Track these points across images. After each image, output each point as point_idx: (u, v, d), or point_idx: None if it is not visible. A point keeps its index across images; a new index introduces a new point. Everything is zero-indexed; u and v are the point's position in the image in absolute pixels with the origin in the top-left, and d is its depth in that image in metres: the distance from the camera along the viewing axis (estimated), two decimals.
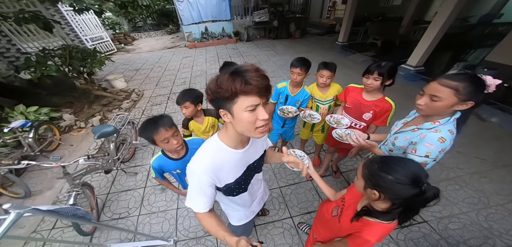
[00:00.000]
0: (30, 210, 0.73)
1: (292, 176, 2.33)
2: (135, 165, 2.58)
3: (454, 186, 2.11)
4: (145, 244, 1.69)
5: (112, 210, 2.04)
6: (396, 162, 0.68)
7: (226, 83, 0.54)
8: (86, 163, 1.69)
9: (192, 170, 0.70)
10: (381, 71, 1.27)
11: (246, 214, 1.09)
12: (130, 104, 4.05)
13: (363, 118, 1.50)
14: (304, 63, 1.60)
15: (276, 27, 8.88)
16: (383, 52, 6.46)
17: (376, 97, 1.42)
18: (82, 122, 3.36)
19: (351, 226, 0.82)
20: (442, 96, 0.81)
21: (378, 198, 0.70)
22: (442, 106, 0.84)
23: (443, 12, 3.66)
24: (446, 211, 1.88)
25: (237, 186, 0.82)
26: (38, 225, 1.92)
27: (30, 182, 2.30)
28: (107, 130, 1.96)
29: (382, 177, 0.67)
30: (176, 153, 1.15)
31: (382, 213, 0.73)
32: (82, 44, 6.59)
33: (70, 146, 2.94)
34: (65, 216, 0.91)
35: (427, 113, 0.92)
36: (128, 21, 11.59)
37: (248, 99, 0.55)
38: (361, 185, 0.76)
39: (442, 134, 0.88)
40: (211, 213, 0.77)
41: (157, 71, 6.09)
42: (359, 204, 0.86)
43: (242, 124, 0.60)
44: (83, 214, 1.01)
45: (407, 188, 0.63)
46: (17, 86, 3.37)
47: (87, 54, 3.93)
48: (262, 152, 0.90)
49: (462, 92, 0.78)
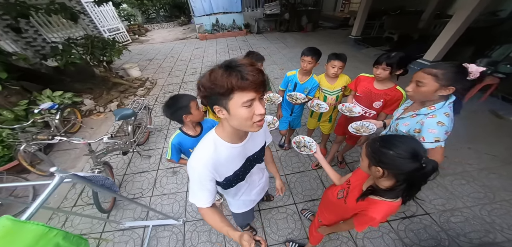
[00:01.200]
0: (70, 175, 0.83)
1: (297, 164, 2.39)
2: (149, 148, 2.75)
3: (460, 181, 2.09)
4: (156, 223, 1.82)
5: (127, 190, 2.20)
6: (396, 138, 0.72)
7: (221, 79, 0.51)
8: (109, 141, 1.84)
9: (192, 166, 0.71)
10: (389, 61, 1.32)
11: (245, 203, 1.12)
12: (144, 92, 4.25)
13: (374, 106, 1.55)
14: (315, 52, 1.66)
15: (287, 20, 8.73)
16: (399, 46, 6.21)
17: (387, 86, 1.46)
18: (101, 107, 3.60)
19: (357, 206, 0.86)
20: (425, 82, 0.93)
21: (382, 174, 0.73)
22: (426, 91, 0.94)
23: (467, 5, 3.47)
24: (449, 205, 1.89)
25: (235, 178, 0.83)
26: (61, 202, 2.10)
27: (56, 161, 2.53)
28: (126, 112, 2.10)
29: (384, 153, 0.71)
30: (194, 130, 1.26)
31: (386, 191, 0.76)
32: (100, 34, 6.89)
33: (91, 128, 3.18)
34: (96, 184, 1.03)
35: (415, 98, 1.03)
36: (142, 13, 11.87)
37: (244, 95, 0.53)
38: (366, 165, 0.79)
39: (438, 118, 0.94)
40: (214, 209, 0.78)
41: (169, 61, 6.27)
42: (364, 185, 0.90)
43: (238, 120, 0.58)
44: (110, 184, 1.13)
45: (408, 162, 0.66)
46: (43, 72, 3.64)
47: (107, 43, 4.15)
48: (263, 144, 0.91)
49: (441, 78, 0.88)
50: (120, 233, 1.82)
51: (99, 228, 1.86)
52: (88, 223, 1.89)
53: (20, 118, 2.56)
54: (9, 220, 0.55)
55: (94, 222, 1.88)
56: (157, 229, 1.82)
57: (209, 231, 1.79)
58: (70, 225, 1.90)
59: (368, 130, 1.41)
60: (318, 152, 1.20)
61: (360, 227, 0.87)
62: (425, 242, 1.65)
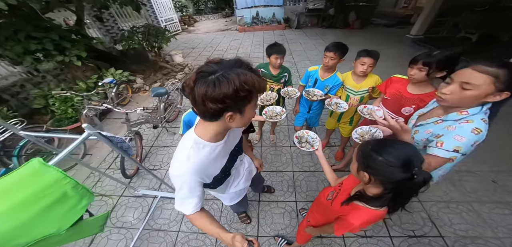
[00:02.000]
0: (96, 133, 1.07)
1: (308, 164, 2.33)
2: (176, 126, 3.13)
3: (503, 210, 1.75)
4: (164, 195, 2.02)
5: (150, 161, 2.53)
6: (390, 144, 0.67)
7: (258, 81, 0.52)
8: (141, 112, 2.21)
9: (177, 175, 0.66)
10: (427, 60, 1.08)
11: (237, 194, 1.14)
12: (182, 76, 4.79)
13: (402, 112, 1.33)
14: (339, 47, 1.54)
15: (331, 15, 8.10)
16: (479, 48, 5.06)
17: (424, 90, 1.22)
18: (147, 86, 4.27)
19: (341, 209, 0.84)
20: (477, 83, 0.72)
21: (369, 180, 0.69)
22: (474, 95, 0.74)
23: None
24: (474, 232, 1.61)
25: (223, 175, 0.83)
26: (100, 164, 2.52)
27: (105, 127, 3.11)
28: (160, 91, 2.44)
29: (373, 158, 0.66)
30: None
31: (373, 198, 0.73)
32: (158, 24, 8.01)
33: (136, 103, 3.83)
34: (115, 144, 1.27)
35: (452, 103, 0.82)
36: (193, 4, 13.06)
37: (256, 97, 0.57)
38: (355, 168, 0.76)
39: (476, 124, 0.77)
40: (203, 213, 0.75)
41: (209, 50, 6.80)
42: (353, 189, 0.87)
43: (245, 120, 0.60)
44: (127, 147, 1.37)
45: (397, 171, 0.61)
46: (113, 54, 4.56)
47: (159, 32, 4.85)
48: (241, 135, 0.92)
49: (501, 80, 0.69)
50: (134, 199, 2.08)
51: (120, 192, 2.16)
52: (113, 185, 2.21)
53: (90, 89, 3.32)
54: (39, 163, 0.74)
55: (118, 185, 2.19)
56: (164, 201, 2.04)
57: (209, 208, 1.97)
58: (100, 185, 2.25)
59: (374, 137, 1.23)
60: (320, 150, 1.15)
61: (339, 231, 0.85)
62: None
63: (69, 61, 2.98)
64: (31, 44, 2.63)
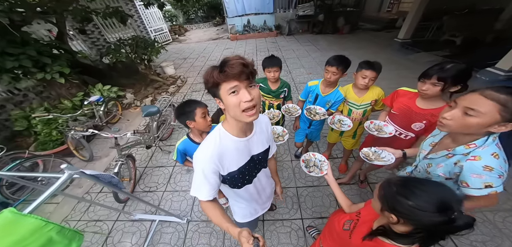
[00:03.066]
0: (78, 172, 0.91)
1: (311, 178, 2.24)
2: (170, 144, 2.98)
3: None
4: (163, 218, 1.93)
5: (145, 183, 2.40)
6: (418, 185, 0.60)
7: (207, 75, 0.64)
8: (132, 137, 2.07)
9: (197, 158, 0.75)
10: (442, 75, 1.01)
11: (251, 212, 1.13)
12: (175, 89, 4.64)
13: (412, 128, 1.28)
14: (342, 61, 1.45)
15: (321, 21, 8.27)
16: (463, 51, 5.25)
17: (435, 105, 1.16)
18: (138, 101, 4.08)
19: (363, 244, 0.77)
20: (482, 110, 0.66)
21: (397, 222, 0.63)
22: (477, 123, 0.68)
23: None
24: (492, 243, 1.57)
25: (241, 176, 0.85)
26: (91, 187, 2.37)
27: (94, 148, 2.91)
28: (152, 110, 2.31)
29: (400, 201, 0.60)
30: (200, 137, 1.31)
31: (400, 235, 0.66)
32: (147, 35, 7.82)
33: (127, 120, 3.64)
34: (103, 182, 1.15)
35: (452, 130, 0.77)
36: (183, 14, 12.97)
37: (227, 84, 0.61)
38: (378, 207, 0.70)
39: (485, 162, 0.72)
40: (216, 204, 0.79)
41: (201, 60, 6.69)
42: (376, 223, 0.79)
43: (230, 109, 0.65)
44: (116, 182, 1.25)
45: (431, 216, 0.55)
46: (99, 68, 4.35)
47: (148, 43, 4.69)
48: (267, 147, 0.93)
49: (510, 109, 0.62)
50: (130, 223, 1.99)
51: (114, 217, 2.05)
52: (106, 211, 2.08)
53: (76, 107, 3.12)
54: (11, 213, 0.66)
55: (111, 211, 2.05)
56: (162, 224, 1.94)
57: (210, 234, 1.84)
58: (92, 210, 2.14)
59: (381, 159, 1.16)
60: (330, 174, 1.09)
61: None
62: None
63: (51, 78, 2.78)
64: (7, 61, 2.42)
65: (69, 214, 2.15)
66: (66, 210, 2.18)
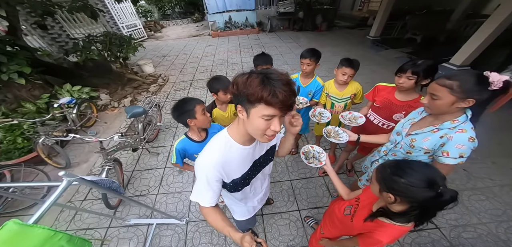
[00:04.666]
0: (77, 179, 0.85)
1: (304, 170, 2.33)
2: (158, 145, 2.82)
3: (479, 196, 1.97)
4: (160, 221, 1.84)
5: (135, 187, 2.26)
6: (408, 165, 0.69)
7: (255, 87, 0.53)
8: (119, 140, 1.90)
9: (201, 165, 0.72)
10: (415, 69, 1.19)
11: (249, 210, 1.14)
12: (156, 88, 4.37)
13: (394, 118, 1.44)
14: (314, 53, 1.60)
15: (301, 18, 8.54)
16: (423, 48, 5.84)
17: (410, 97, 1.34)
18: (116, 102, 3.75)
19: (364, 225, 0.84)
20: (439, 94, 0.85)
21: (394, 201, 0.71)
22: (442, 104, 0.87)
23: (508, 5, 3.11)
24: (463, 220, 1.79)
25: (242, 181, 0.84)
26: (73, 195, 2.18)
27: (70, 154, 2.63)
28: (137, 110, 2.14)
29: (395, 180, 0.68)
30: (199, 135, 1.26)
31: (398, 214, 0.74)
32: (119, 31, 7.19)
33: (105, 123, 3.32)
34: (103, 187, 1.06)
35: (431, 111, 0.96)
36: (158, 9, 12.21)
37: (268, 109, 0.55)
38: (377, 189, 0.77)
39: (469, 134, 0.87)
40: (217, 209, 0.78)
41: (182, 58, 6.40)
42: (375, 205, 0.87)
43: (253, 127, 0.60)
44: (116, 187, 1.15)
45: (422, 191, 0.64)
46: (65, 67, 3.88)
47: (124, 40, 4.33)
48: (268, 148, 0.91)
49: (457, 90, 0.80)
50: (125, 229, 1.87)
51: (106, 223, 1.92)
52: (96, 218, 1.95)
53: (42, 110, 2.75)
54: (16, 224, 0.59)
55: (101, 217, 1.94)
56: (160, 227, 1.86)
57: (211, 232, 1.80)
58: (80, 218, 1.98)
59: (338, 138, 1.34)
60: (328, 164, 1.17)
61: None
62: None
63: (9, 78, 2.40)
64: None
65: (53, 225, 1.93)
66: (48, 221, 1.95)
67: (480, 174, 2.15)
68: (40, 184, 1.04)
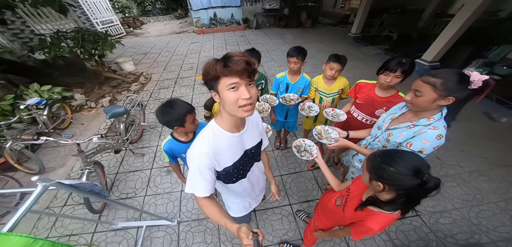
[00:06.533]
0: (54, 183, 0.78)
1: (293, 165, 2.36)
2: (142, 146, 2.67)
3: (451, 183, 2.12)
4: (150, 223, 1.77)
5: (120, 190, 2.13)
6: (397, 154, 0.72)
7: (213, 67, 0.61)
8: (98, 141, 1.76)
9: (192, 155, 0.74)
10: (405, 68, 1.20)
11: (245, 206, 1.14)
12: (138, 87, 4.14)
13: (376, 114, 1.48)
14: (300, 52, 1.63)
15: (286, 15, 8.62)
16: (398, 45, 6.19)
17: (390, 93, 1.38)
18: (93, 102, 3.48)
19: (355, 215, 0.87)
20: (423, 91, 0.86)
21: (383, 189, 0.73)
22: (424, 101, 0.88)
23: (471, 5, 3.40)
24: (439, 207, 1.91)
25: (235, 170, 0.84)
26: (51, 201, 2.02)
27: (43, 158, 2.40)
28: (118, 110, 2.01)
29: (384, 169, 0.71)
30: (186, 136, 1.21)
31: (386, 203, 0.76)
32: (92, 27, 6.67)
33: (81, 125, 3.07)
34: (84, 191, 0.97)
35: (414, 108, 0.97)
36: (138, 5, 11.54)
37: (229, 79, 0.60)
38: (367, 178, 0.80)
39: (439, 131, 0.90)
40: (213, 201, 0.79)
41: (165, 55, 6.13)
42: (364, 195, 0.90)
43: (226, 103, 0.64)
44: (99, 190, 1.07)
45: (409, 179, 0.66)
46: (31, 65, 3.49)
47: (98, 37, 4.01)
48: (259, 141, 0.93)
49: (439, 88, 0.82)
50: (112, 233, 1.77)
51: (91, 228, 1.80)
52: (79, 223, 1.82)
53: (6, 113, 2.45)
54: None
55: (85, 222, 1.83)
56: (151, 229, 1.77)
57: (204, 232, 1.76)
58: (61, 225, 1.83)
59: (330, 138, 1.32)
60: (319, 157, 1.19)
61: (357, 236, 0.88)
62: (414, 243, 1.66)
63: None
64: None
65: (32, 232, 1.77)
66: (26, 229, 1.78)
67: (451, 161, 2.32)
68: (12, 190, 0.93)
